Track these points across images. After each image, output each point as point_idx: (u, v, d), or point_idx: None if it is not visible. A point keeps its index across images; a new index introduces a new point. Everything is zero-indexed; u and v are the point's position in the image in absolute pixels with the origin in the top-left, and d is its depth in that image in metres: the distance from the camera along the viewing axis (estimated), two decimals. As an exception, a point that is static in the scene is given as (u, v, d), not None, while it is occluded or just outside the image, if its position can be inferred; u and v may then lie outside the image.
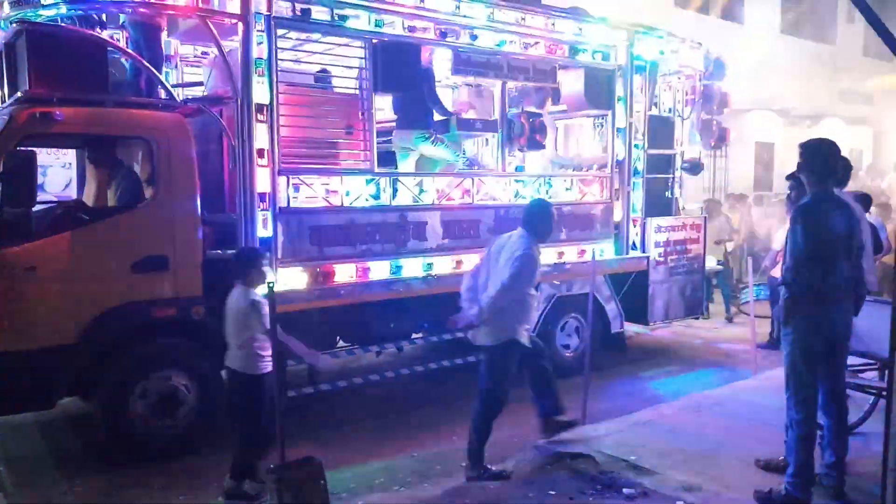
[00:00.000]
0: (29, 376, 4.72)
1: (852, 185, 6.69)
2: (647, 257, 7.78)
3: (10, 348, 4.64)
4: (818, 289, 4.00)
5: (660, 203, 8.08)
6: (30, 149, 4.65)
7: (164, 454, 5.12)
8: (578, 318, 7.35)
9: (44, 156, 6.76)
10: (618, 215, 7.63)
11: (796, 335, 4.11)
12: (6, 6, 5.25)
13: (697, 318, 8.85)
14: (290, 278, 5.54)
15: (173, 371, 5.18)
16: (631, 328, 8.29)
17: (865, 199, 6.52)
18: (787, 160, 4.80)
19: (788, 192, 5.40)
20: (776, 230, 8.47)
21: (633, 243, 7.75)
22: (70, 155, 7.71)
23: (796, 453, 4.09)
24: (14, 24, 5.07)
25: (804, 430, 4.09)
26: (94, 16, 5.51)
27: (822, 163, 4.13)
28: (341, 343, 6.49)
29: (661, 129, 8.01)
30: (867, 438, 4.88)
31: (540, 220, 4.83)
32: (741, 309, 10.25)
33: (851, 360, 4.72)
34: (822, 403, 4.21)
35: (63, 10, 5.12)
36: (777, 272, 7.31)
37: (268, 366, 4.37)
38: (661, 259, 7.90)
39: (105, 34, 5.56)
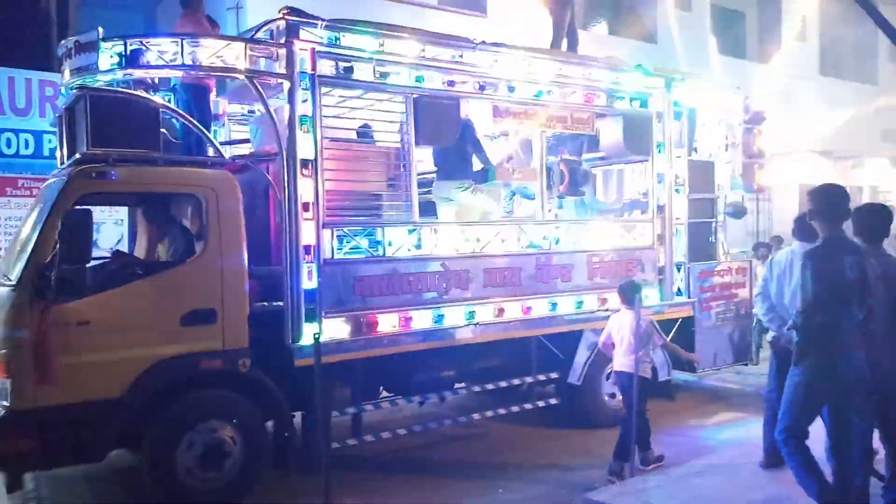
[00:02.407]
0: (80, 429, 4.79)
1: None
2: (693, 303, 7.66)
3: (63, 401, 4.71)
4: (828, 334, 3.96)
5: (703, 248, 7.98)
6: (86, 207, 4.83)
7: (210, 507, 5.12)
8: (624, 367, 7.23)
9: (97, 213, 7.00)
10: (661, 260, 7.56)
11: (803, 377, 4.14)
12: (67, 73, 5.52)
13: (746, 365, 8.61)
14: (334, 329, 5.58)
15: (219, 423, 5.20)
16: (679, 376, 8.12)
17: None
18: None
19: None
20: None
21: (678, 289, 7.65)
22: (122, 212, 7.98)
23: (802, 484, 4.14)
24: (74, 90, 5.32)
25: (794, 462, 4.16)
26: (148, 79, 5.76)
27: (832, 207, 4.17)
28: (384, 393, 6.49)
29: (701, 174, 7.96)
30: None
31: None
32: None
33: None
34: (828, 452, 4.16)
35: (119, 75, 5.36)
36: None
37: (649, 370, 5.94)
38: (707, 304, 7.77)
39: (157, 97, 5.79)
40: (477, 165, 7.14)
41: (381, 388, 6.46)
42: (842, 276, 3.98)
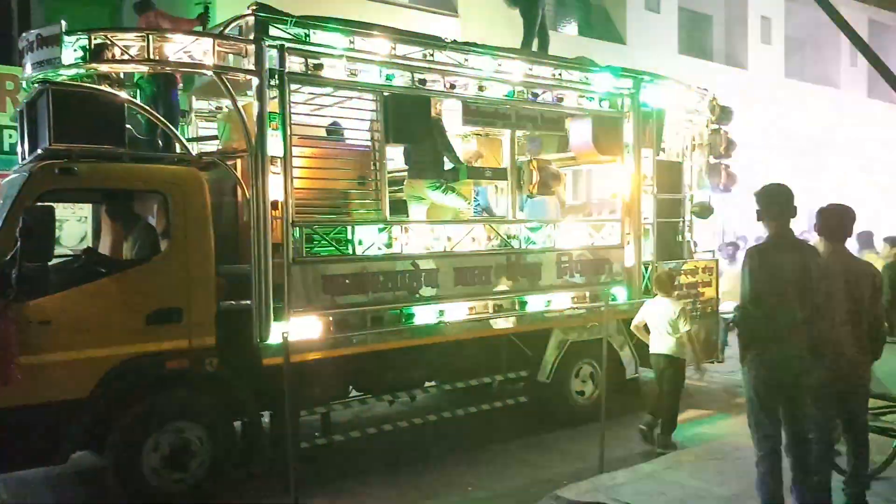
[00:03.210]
0: (42, 430, 4.71)
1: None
2: (660, 302, 7.74)
3: (25, 402, 4.62)
4: (767, 329, 4.06)
5: (671, 247, 8.08)
6: (48, 204, 4.73)
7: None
8: (592, 364, 7.30)
9: (60, 210, 6.87)
10: (629, 260, 7.63)
11: (749, 375, 4.23)
12: (28, 67, 5.40)
13: (713, 363, 8.73)
14: (303, 327, 5.54)
15: (186, 423, 5.15)
16: (647, 374, 8.21)
17: None
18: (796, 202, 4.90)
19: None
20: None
21: (646, 287, 7.72)
22: (86, 209, 7.84)
23: (760, 490, 4.17)
24: (36, 84, 5.21)
25: (764, 467, 4.16)
26: (112, 74, 5.66)
27: (776, 206, 4.28)
28: (354, 392, 6.46)
29: (669, 174, 8.06)
30: (892, 483, 4.78)
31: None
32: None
33: (872, 402, 4.67)
34: (785, 446, 4.21)
35: (82, 69, 5.26)
36: None
37: (686, 353, 6.41)
38: (674, 303, 7.85)
39: (122, 92, 5.70)
40: (448, 164, 7.14)
41: (351, 387, 6.43)
42: (781, 274, 4.08)
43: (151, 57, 5.19)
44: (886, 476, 4.93)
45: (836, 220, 4.54)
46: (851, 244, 5.06)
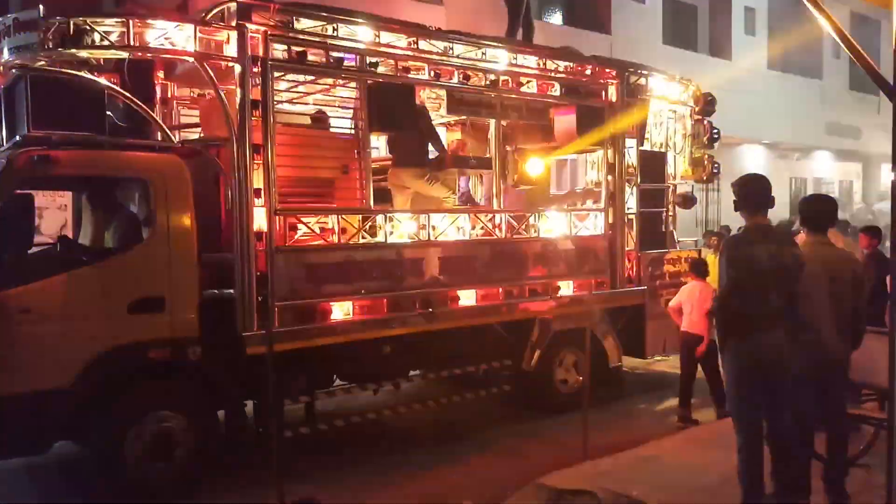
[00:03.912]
0: (22, 420, 4.66)
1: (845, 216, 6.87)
2: (643, 290, 7.80)
3: (5, 392, 4.58)
4: (745, 318, 4.11)
5: (654, 237, 8.13)
6: (28, 192, 4.67)
7: (159, 498, 5.03)
8: (576, 353, 7.33)
9: (40, 198, 6.78)
10: (613, 249, 7.66)
11: (729, 364, 4.27)
12: (5, 52, 5.31)
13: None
14: (286, 316, 5.52)
15: (169, 412, 5.12)
16: (630, 362, 8.27)
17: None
18: (778, 194, 4.92)
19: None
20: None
21: (629, 277, 7.77)
22: (66, 197, 7.73)
23: (741, 478, 4.19)
24: (14, 70, 5.13)
25: (744, 457, 4.18)
26: (92, 60, 5.58)
27: (753, 196, 4.30)
28: (338, 381, 6.45)
29: (652, 165, 8.10)
30: (870, 470, 4.84)
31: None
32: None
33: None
34: (766, 434, 4.25)
35: (62, 55, 5.18)
36: None
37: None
38: (657, 292, 7.91)
39: (102, 78, 5.62)
40: (432, 153, 7.12)
41: (335, 375, 6.42)
42: (758, 264, 4.12)
43: (132, 43, 5.12)
44: (864, 463, 5.00)
45: (818, 209, 4.58)
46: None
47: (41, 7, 5.09)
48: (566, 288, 7.26)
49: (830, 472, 4.53)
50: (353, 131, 6.08)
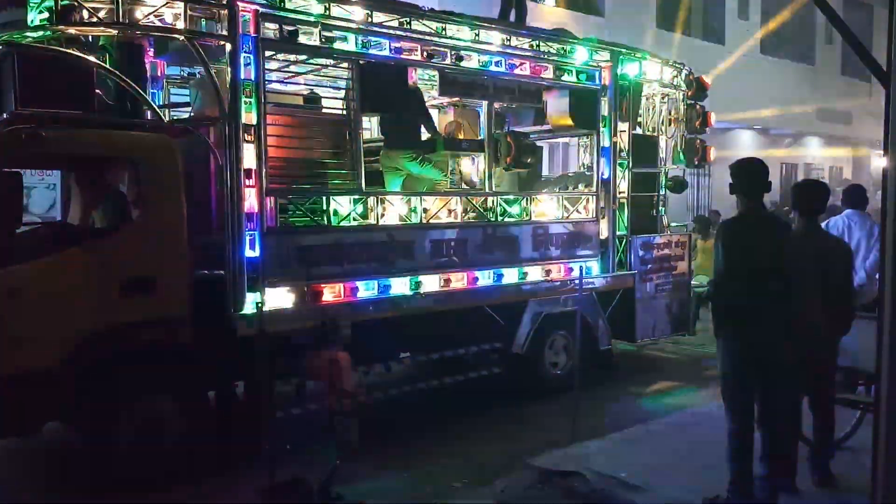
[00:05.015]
0: (12, 401, 4.63)
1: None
2: (634, 274, 7.82)
3: (-6, 372, 4.56)
4: (740, 304, 4.11)
5: (645, 221, 8.14)
6: (15, 170, 4.62)
7: (149, 481, 5.00)
8: (566, 336, 7.36)
9: (28, 176, 6.71)
10: (604, 233, 7.67)
11: (724, 349, 4.27)
12: (-8, 29, 5.24)
13: (685, 336, 8.87)
14: (277, 298, 5.51)
15: (159, 393, 5.11)
16: (620, 345, 8.31)
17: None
18: (770, 178, 4.93)
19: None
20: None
21: (620, 261, 7.79)
22: (54, 176, 7.66)
23: (731, 462, 4.22)
24: (1, 47, 5.05)
25: (737, 441, 4.21)
26: (81, 38, 5.50)
27: (750, 181, 4.29)
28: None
29: (644, 148, 8.09)
30: (856, 454, 4.90)
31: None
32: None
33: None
34: (757, 419, 4.27)
35: (50, 32, 5.11)
36: None
37: None
38: (648, 276, 7.94)
39: (92, 56, 5.55)
40: (425, 135, 7.09)
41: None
42: (753, 249, 4.12)
43: (121, 20, 5.05)
44: (849, 447, 5.06)
45: (810, 195, 4.60)
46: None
47: (28, -18, 5.01)
48: (557, 271, 7.28)
49: (817, 454, 4.58)
50: (345, 112, 6.03)
